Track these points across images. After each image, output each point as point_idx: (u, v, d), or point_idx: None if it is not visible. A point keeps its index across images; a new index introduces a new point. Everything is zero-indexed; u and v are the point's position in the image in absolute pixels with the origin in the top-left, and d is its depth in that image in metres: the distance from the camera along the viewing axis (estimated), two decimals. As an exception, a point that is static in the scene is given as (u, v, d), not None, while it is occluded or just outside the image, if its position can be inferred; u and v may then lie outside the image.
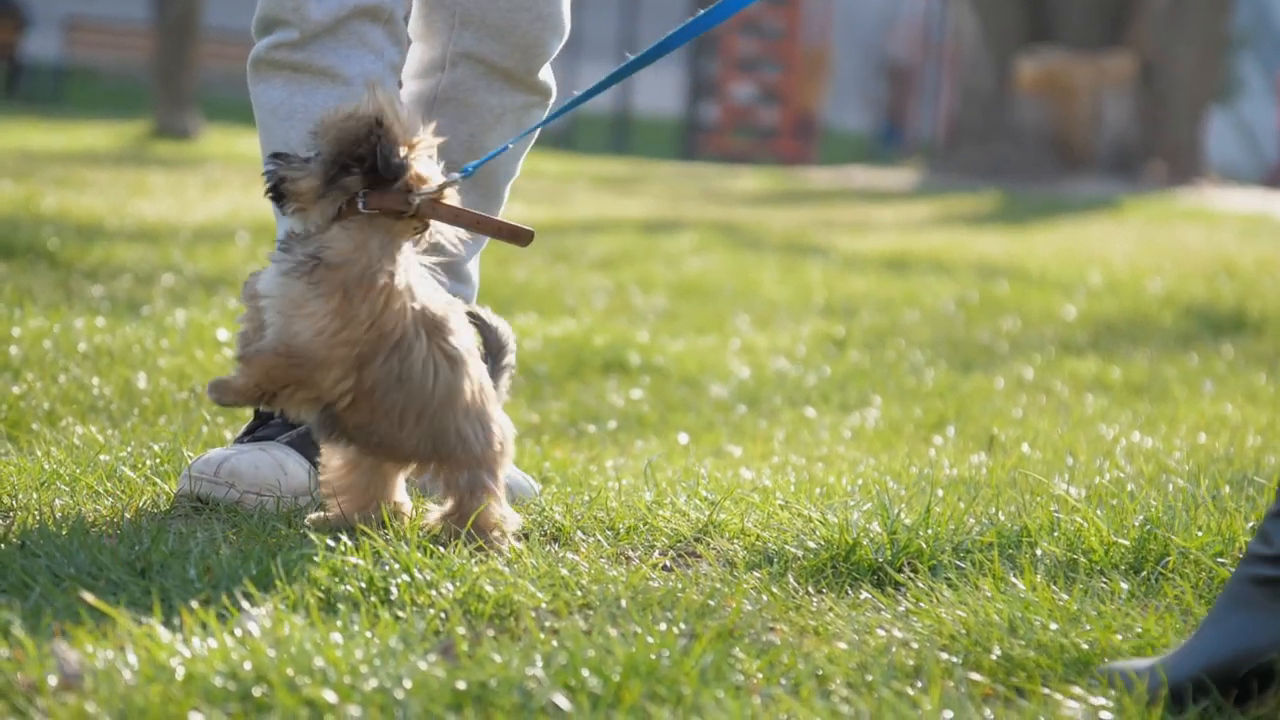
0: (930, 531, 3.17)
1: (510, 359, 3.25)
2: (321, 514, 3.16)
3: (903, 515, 3.25)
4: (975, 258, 10.60)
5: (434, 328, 3.03)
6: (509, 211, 3.72)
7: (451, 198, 3.05)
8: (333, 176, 2.96)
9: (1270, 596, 2.48)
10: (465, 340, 3.08)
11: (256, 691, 2.26)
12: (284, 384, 2.98)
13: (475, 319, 3.20)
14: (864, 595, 2.95)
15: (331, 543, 2.87)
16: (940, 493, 3.64)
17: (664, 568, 3.09)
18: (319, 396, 3.01)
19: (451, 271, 3.65)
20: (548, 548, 3.13)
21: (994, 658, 2.60)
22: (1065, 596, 2.86)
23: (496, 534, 3.07)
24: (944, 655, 2.61)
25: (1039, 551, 3.16)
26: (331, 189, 2.96)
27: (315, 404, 3.03)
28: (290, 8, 3.42)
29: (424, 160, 3.01)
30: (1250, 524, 3.27)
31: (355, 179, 2.96)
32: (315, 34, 3.42)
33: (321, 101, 3.42)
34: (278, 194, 3.00)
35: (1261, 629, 2.46)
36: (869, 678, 2.50)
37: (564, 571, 2.88)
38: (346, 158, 2.96)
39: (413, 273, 3.03)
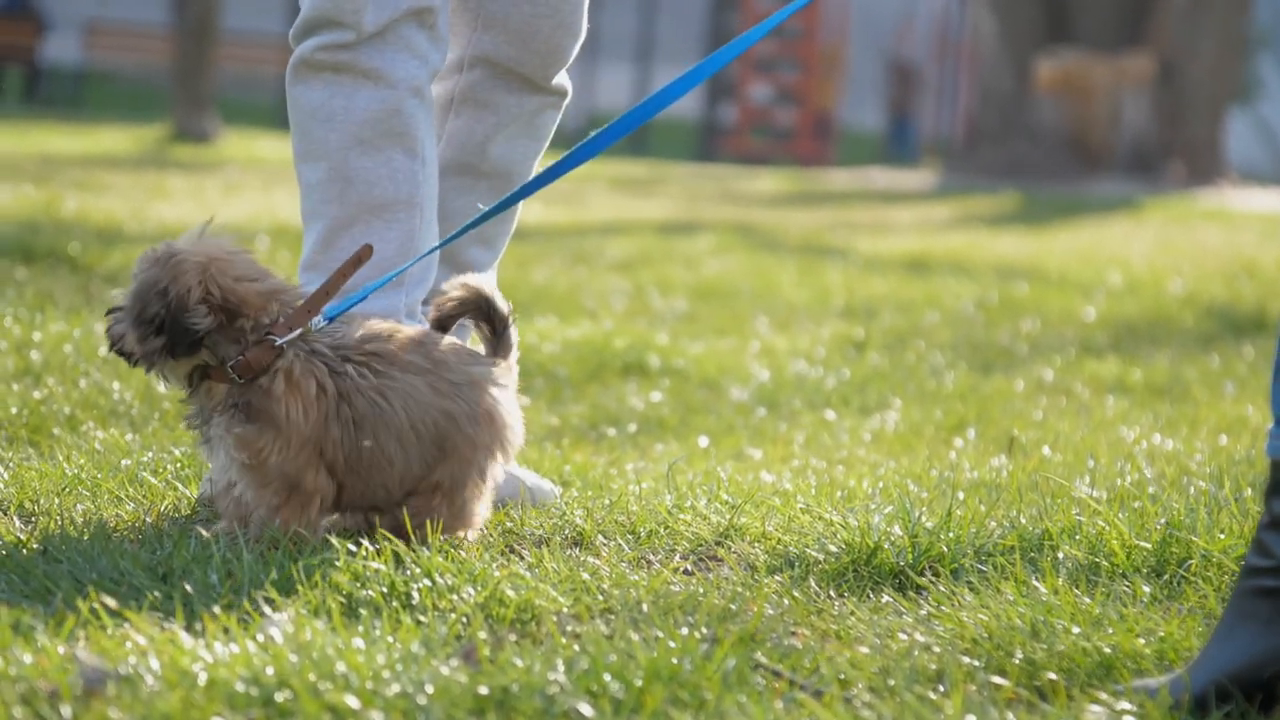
0: (951, 535, 3.17)
1: (498, 310, 3.12)
2: (341, 517, 3.16)
3: (924, 518, 3.24)
4: (995, 259, 10.58)
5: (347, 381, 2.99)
6: (525, 213, 3.71)
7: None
8: (144, 338, 2.96)
9: (1277, 608, 2.46)
10: (381, 365, 3.01)
11: (279, 697, 2.26)
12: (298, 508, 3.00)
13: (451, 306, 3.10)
14: (885, 599, 2.95)
15: (353, 547, 2.87)
16: (961, 496, 3.63)
17: (685, 572, 3.08)
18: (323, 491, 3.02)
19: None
20: (569, 552, 3.13)
21: (1016, 662, 2.60)
22: (1087, 600, 2.85)
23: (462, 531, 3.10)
24: (966, 659, 2.61)
25: (1060, 555, 3.15)
26: (160, 357, 2.95)
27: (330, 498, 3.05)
28: (350, 10, 3.39)
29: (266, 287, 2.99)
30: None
31: (159, 343, 2.94)
32: (370, 35, 3.41)
33: (363, 104, 3.40)
34: (121, 355, 3.00)
35: (1275, 638, 2.45)
36: (891, 682, 2.49)
37: (585, 576, 2.88)
38: (146, 320, 2.94)
39: (311, 351, 2.99)
